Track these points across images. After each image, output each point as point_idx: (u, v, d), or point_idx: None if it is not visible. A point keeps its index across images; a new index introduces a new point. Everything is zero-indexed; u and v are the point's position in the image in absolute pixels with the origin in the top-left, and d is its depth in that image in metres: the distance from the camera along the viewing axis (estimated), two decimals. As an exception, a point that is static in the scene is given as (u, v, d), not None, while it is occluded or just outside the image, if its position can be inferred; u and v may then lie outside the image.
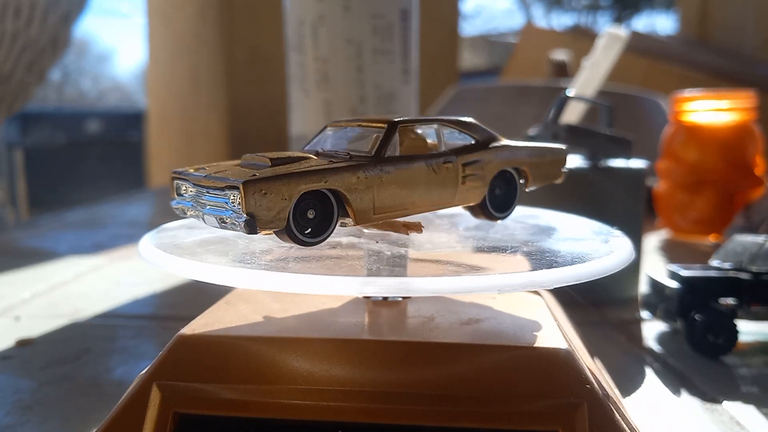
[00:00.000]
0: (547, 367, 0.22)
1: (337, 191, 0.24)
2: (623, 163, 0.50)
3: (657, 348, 0.41)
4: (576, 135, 0.49)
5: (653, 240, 0.79)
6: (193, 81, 1.79)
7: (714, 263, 0.43)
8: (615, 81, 1.00)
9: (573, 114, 0.64)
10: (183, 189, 0.26)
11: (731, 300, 0.40)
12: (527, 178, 0.30)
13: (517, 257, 0.25)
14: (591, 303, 0.49)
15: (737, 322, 0.39)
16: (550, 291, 0.33)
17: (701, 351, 0.39)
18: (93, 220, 0.97)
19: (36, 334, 0.43)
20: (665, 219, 0.82)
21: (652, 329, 0.45)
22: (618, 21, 6.17)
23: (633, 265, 0.49)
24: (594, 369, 0.24)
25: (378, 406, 0.21)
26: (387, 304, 0.26)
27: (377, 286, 0.21)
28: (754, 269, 0.40)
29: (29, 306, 0.50)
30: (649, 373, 0.37)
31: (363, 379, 0.22)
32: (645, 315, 0.47)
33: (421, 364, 0.22)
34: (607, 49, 0.64)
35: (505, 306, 0.27)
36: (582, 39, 1.70)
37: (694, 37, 2.17)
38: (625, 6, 6.31)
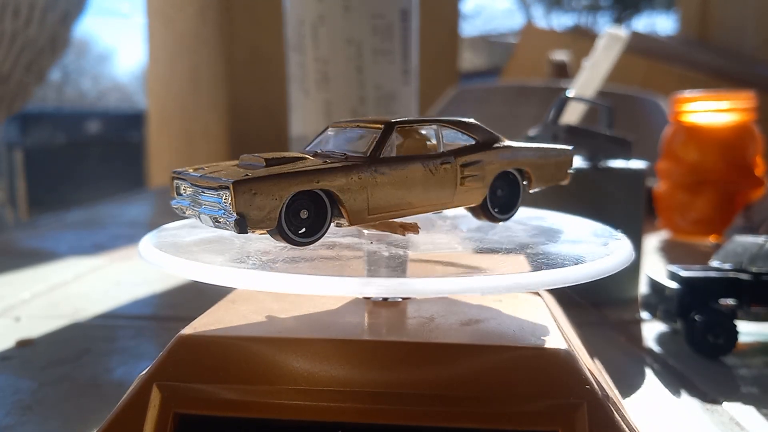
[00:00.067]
0: (547, 368, 0.22)
1: (330, 191, 0.24)
2: (623, 164, 0.50)
3: (657, 348, 0.41)
4: (576, 135, 0.49)
5: (653, 240, 0.79)
6: (193, 81, 1.79)
7: (714, 264, 0.43)
8: (615, 81, 1.00)
9: (573, 114, 0.64)
10: (182, 189, 0.26)
11: (731, 300, 0.40)
12: (530, 179, 0.30)
13: (518, 258, 0.25)
14: (591, 303, 0.49)
15: (737, 322, 0.39)
16: (550, 291, 0.33)
17: (701, 351, 0.39)
18: (93, 220, 0.97)
19: (36, 334, 0.43)
20: (665, 219, 0.82)
21: (652, 330, 0.45)
22: (618, 21, 6.17)
23: (633, 266, 0.49)
24: (594, 369, 0.24)
25: (378, 406, 0.21)
26: (387, 304, 0.26)
27: (377, 286, 0.21)
28: (754, 270, 0.40)
29: (29, 306, 0.50)
30: (649, 374, 0.37)
31: (363, 380, 0.22)
32: (645, 315, 0.47)
33: (421, 364, 0.22)
34: (607, 50, 0.64)
35: (505, 306, 0.27)
36: (582, 39, 1.70)
37: (694, 38, 2.17)
38: (625, 6, 6.31)
